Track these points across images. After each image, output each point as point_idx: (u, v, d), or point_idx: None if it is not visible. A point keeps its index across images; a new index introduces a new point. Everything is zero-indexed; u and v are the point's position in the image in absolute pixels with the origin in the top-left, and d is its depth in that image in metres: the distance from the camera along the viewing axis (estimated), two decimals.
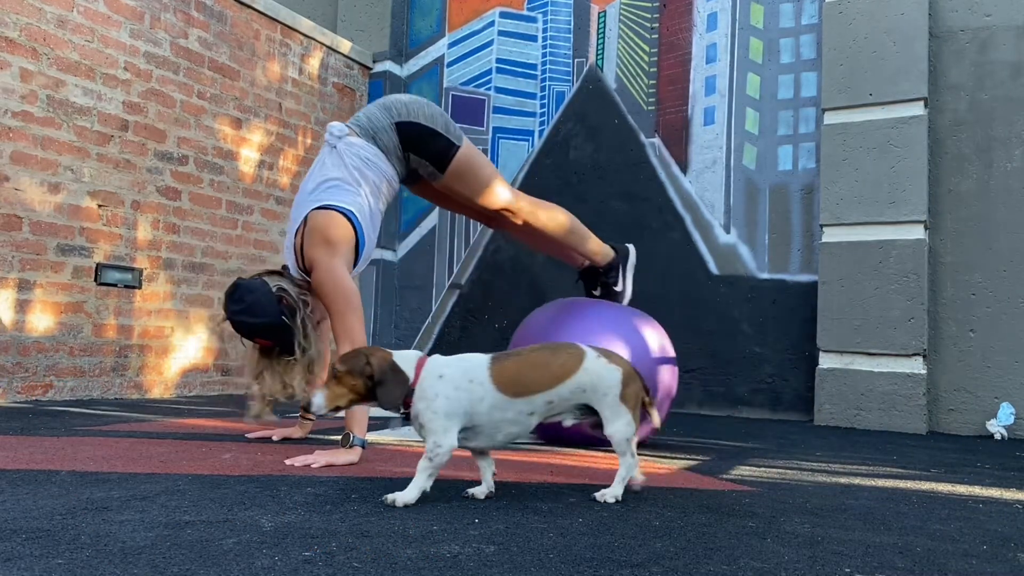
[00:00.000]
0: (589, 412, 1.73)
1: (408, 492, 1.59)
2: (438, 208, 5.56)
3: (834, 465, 2.53)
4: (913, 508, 1.82)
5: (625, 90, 5.04)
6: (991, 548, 1.44)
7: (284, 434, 2.59)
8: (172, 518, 1.39)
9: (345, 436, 2.16)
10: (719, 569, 1.20)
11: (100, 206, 3.83)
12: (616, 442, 1.68)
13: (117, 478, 1.76)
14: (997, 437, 3.78)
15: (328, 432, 2.84)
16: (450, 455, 1.60)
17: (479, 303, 5.38)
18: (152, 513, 1.42)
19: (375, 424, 3.23)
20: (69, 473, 1.79)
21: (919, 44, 4.10)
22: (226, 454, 2.19)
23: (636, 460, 1.72)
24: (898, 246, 4.03)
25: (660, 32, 4.98)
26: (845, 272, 4.13)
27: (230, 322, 2.33)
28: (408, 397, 1.62)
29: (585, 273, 2.98)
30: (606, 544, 1.33)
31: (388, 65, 5.67)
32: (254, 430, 2.65)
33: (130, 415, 3.15)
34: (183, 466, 1.96)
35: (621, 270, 2.91)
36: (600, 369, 1.69)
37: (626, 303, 2.92)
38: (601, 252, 2.87)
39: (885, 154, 4.11)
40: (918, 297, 3.96)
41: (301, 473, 1.93)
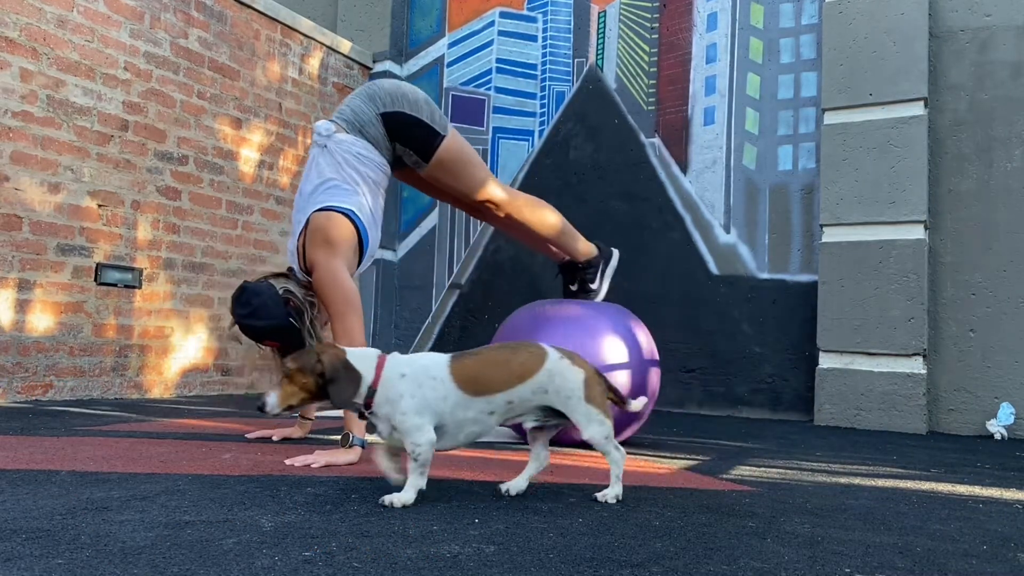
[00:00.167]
0: (553, 415, 1.69)
1: (405, 493, 1.58)
2: (438, 208, 5.57)
3: (834, 465, 2.53)
4: (913, 508, 1.82)
5: (625, 90, 5.04)
6: (991, 548, 1.44)
7: (284, 434, 2.60)
8: (172, 518, 1.39)
9: (345, 436, 2.17)
10: (719, 569, 1.20)
11: (100, 206, 3.83)
12: (596, 443, 1.66)
13: (117, 478, 1.76)
14: (997, 437, 3.78)
15: (328, 432, 2.84)
16: (432, 450, 1.58)
17: (479, 303, 5.38)
18: (152, 513, 1.42)
19: None
20: (69, 473, 1.79)
21: (919, 44, 4.10)
22: (226, 454, 2.20)
23: (622, 453, 1.71)
24: (898, 246, 4.03)
25: (660, 32, 4.98)
26: (845, 272, 4.13)
27: (238, 326, 2.34)
28: (369, 398, 1.60)
29: (565, 268, 3.02)
30: (606, 544, 1.33)
31: (388, 65, 5.67)
32: (254, 430, 2.66)
33: (130, 415, 3.15)
34: (183, 466, 1.96)
35: (601, 269, 2.96)
36: (563, 370, 1.65)
37: (599, 300, 2.97)
38: (586, 252, 2.94)
39: (885, 154, 4.11)
40: (918, 297, 3.96)
41: (301, 473, 1.93)
